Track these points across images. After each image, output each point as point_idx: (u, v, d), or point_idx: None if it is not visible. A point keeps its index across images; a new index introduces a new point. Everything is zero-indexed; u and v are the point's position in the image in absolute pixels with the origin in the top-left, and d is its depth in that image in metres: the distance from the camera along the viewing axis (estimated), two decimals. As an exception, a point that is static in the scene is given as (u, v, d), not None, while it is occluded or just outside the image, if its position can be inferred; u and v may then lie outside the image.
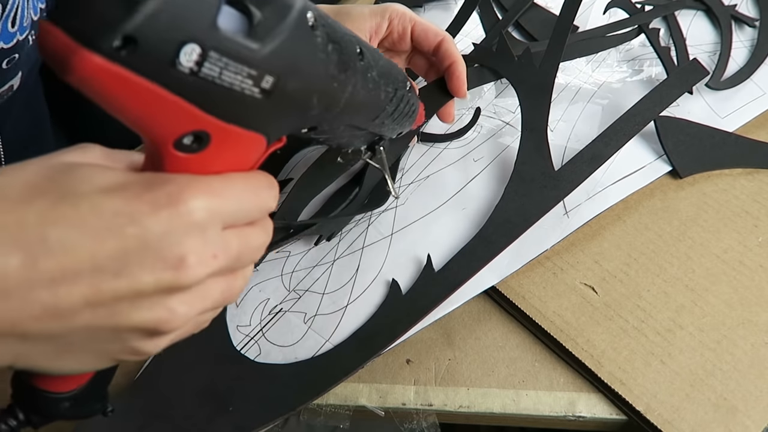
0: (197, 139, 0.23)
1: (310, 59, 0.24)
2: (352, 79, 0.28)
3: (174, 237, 0.22)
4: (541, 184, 0.50)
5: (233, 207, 0.25)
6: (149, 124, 0.22)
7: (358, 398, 0.45)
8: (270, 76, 0.22)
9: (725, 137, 0.55)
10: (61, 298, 0.21)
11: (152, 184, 0.23)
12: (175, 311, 0.24)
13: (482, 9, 0.69)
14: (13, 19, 0.44)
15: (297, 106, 0.25)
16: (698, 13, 0.68)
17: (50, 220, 0.21)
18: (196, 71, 0.20)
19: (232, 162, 0.25)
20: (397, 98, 0.35)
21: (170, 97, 0.21)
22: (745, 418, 0.41)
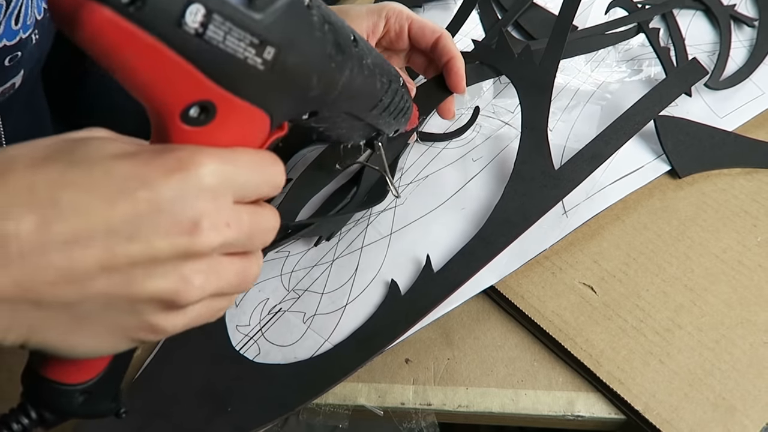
0: (203, 111, 0.23)
1: (308, 36, 0.25)
2: (349, 63, 0.29)
3: (186, 201, 0.22)
4: (541, 183, 0.50)
5: (243, 177, 0.24)
6: (156, 91, 0.22)
7: (357, 398, 0.45)
8: (271, 47, 0.23)
9: (725, 136, 0.55)
10: (76, 262, 0.21)
11: (163, 151, 0.23)
12: (190, 281, 0.23)
13: (482, 9, 0.69)
14: (17, 17, 0.44)
15: (297, 84, 0.26)
16: (697, 13, 0.68)
17: (62, 183, 0.21)
18: (201, 33, 0.21)
19: (238, 138, 0.25)
20: (392, 90, 0.36)
21: (176, 59, 0.21)
22: (743, 418, 0.41)
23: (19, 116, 0.54)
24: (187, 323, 0.25)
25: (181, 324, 0.25)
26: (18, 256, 0.20)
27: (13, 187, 0.21)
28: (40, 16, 0.47)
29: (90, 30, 0.19)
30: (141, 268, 0.22)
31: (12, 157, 0.22)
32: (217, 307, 0.27)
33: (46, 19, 0.48)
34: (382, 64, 0.34)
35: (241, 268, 0.26)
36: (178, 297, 0.23)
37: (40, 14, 0.47)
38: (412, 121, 0.42)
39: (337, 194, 0.54)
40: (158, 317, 0.24)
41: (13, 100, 0.50)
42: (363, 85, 0.32)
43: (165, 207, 0.22)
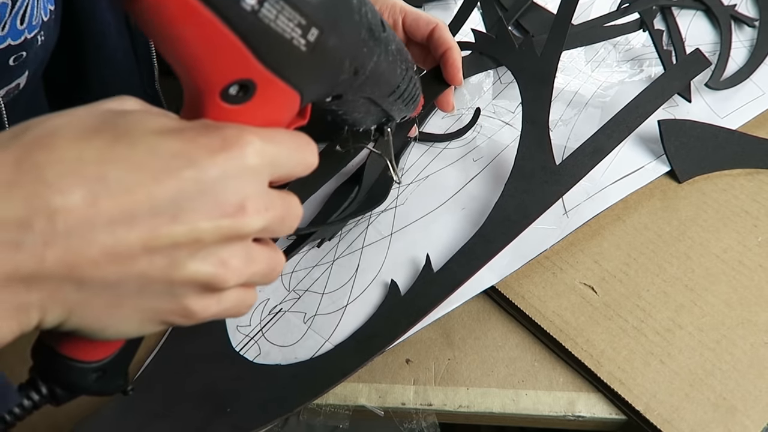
0: (243, 89, 0.23)
1: (348, 19, 0.26)
2: (377, 49, 0.29)
3: (231, 182, 0.22)
4: (541, 179, 0.49)
5: (283, 158, 0.24)
6: (203, 66, 0.22)
7: (358, 398, 0.45)
8: (316, 29, 0.23)
9: (728, 136, 0.55)
10: (120, 241, 0.20)
11: (207, 129, 0.22)
12: (228, 264, 0.23)
13: (484, 8, 0.69)
14: (22, 17, 0.44)
15: (332, 66, 0.26)
16: (698, 13, 0.68)
17: (108, 158, 0.20)
18: (257, 10, 0.21)
19: (270, 119, 0.25)
20: (407, 77, 0.36)
21: (229, 35, 0.21)
22: (744, 418, 0.41)
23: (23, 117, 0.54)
24: (218, 312, 0.25)
25: (213, 311, 0.24)
26: (64, 231, 0.19)
27: (60, 158, 0.20)
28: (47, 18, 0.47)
29: (153, 2, 0.20)
30: (183, 249, 0.22)
31: (56, 126, 0.21)
32: (245, 299, 0.26)
33: (51, 20, 0.48)
34: (403, 50, 0.35)
35: (271, 256, 0.26)
36: (216, 281, 0.23)
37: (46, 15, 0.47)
38: (417, 108, 0.43)
39: (338, 194, 0.54)
40: (194, 301, 0.24)
41: (17, 101, 0.50)
42: (387, 71, 0.32)
43: (210, 187, 0.21)
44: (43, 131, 0.21)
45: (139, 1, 0.20)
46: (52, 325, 0.22)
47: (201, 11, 0.20)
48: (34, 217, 0.19)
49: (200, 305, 0.24)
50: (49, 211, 0.19)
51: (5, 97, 0.48)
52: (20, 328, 0.21)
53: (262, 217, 0.23)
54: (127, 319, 0.23)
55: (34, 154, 0.20)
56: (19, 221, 0.19)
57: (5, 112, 0.48)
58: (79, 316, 0.22)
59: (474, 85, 0.63)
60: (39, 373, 0.28)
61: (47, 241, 0.19)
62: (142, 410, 0.43)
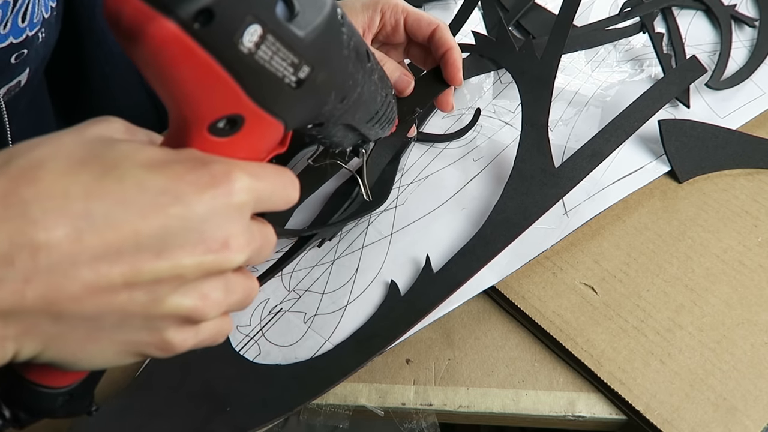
0: (230, 123, 0.23)
1: (338, 54, 0.26)
2: (363, 79, 0.30)
3: (217, 219, 0.22)
4: (541, 181, 0.49)
5: (268, 194, 0.24)
6: (194, 102, 0.22)
7: (358, 398, 0.45)
8: (307, 66, 0.23)
9: (728, 135, 0.55)
10: (102, 277, 0.20)
11: (195, 164, 0.22)
12: (209, 298, 0.23)
13: (485, 9, 0.69)
14: (24, 15, 0.44)
15: (318, 100, 0.26)
16: (698, 13, 0.68)
17: (95, 193, 0.20)
18: (253, 53, 0.21)
19: (254, 150, 0.25)
20: (386, 102, 0.37)
21: (224, 75, 0.21)
22: (744, 418, 0.41)
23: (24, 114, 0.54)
24: (196, 343, 0.25)
25: (191, 343, 0.25)
26: (46, 267, 0.19)
27: (46, 193, 0.20)
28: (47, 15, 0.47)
29: (153, 44, 0.20)
30: (165, 285, 0.22)
31: (42, 158, 0.21)
32: (222, 328, 0.26)
33: (53, 18, 0.48)
34: (384, 77, 0.35)
35: (247, 284, 0.26)
36: (196, 314, 0.23)
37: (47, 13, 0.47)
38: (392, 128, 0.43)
39: (338, 195, 0.54)
40: (173, 334, 0.24)
41: (19, 98, 0.50)
42: (369, 100, 0.32)
43: (196, 224, 0.22)
44: (29, 162, 0.21)
45: (143, 42, 0.20)
46: (27, 357, 0.22)
47: (199, 53, 0.20)
48: (16, 253, 0.19)
49: (179, 338, 0.24)
50: (32, 248, 0.19)
51: (7, 95, 0.48)
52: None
53: (243, 252, 0.23)
54: (102, 351, 0.23)
55: (19, 188, 0.20)
56: (1, 257, 0.19)
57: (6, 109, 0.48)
58: (54, 350, 0.22)
59: (474, 85, 0.63)
60: (2, 397, 0.27)
61: (28, 278, 0.19)
62: (141, 409, 0.43)
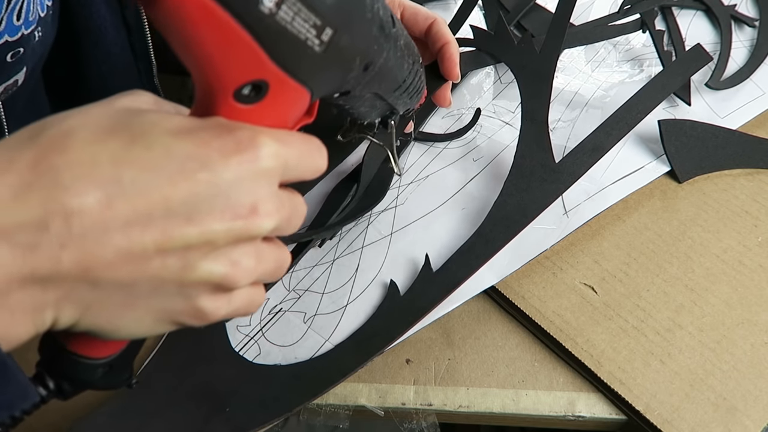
0: (255, 89, 0.23)
1: (361, 17, 0.25)
2: (387, 45, 0.29)
3: (245, 184, 0.22)
4: (541, 177, 0.49)
5: (294, 160, 0.24)
6: (218, 67, 0.22)
7: (358, 398, 0.45)
8: (330, 29, 0.23)
9: (728, 135, 0.55)
10: (134, 242, 0.21)
11: (221, 130, 0.22)
12: (240, 264, 0.23)
13: (486, 9, 0.69)
14: (18, 13, 0.44)
15: (343, 65, 0.26)
16: (698, 13, 0.68)
17: (124, 160, 0.21)
18: (274, 13, 0.21)
19: (280, 118, 0.25)
20: (414, 71, 0.36)
21: (246, 37, 0.21)
22: (744, 418, 0.41)
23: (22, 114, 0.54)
24: (229, 312, 0.25)
25: (224, 311, 0.25)
26: (80, 233, 0.20)
27: (76, 160, 0.20)
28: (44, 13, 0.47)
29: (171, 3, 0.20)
30: (196, 251, 0.22)
31: (72, 127, 0.21)
32: (255, 298, 0.26)
33: (49, 16, 0.48)
34: (410, 45, 0.34)
35: (279, 254, 0.26)
36: (227, 281, 0.23)
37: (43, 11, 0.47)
38: (420, 100, 0.42)
39: (337, 192, 0.54)
40: (206, 302, 0.24)
41: (16, 98, 0.50)
42: (395, 67, 0.32)
43: (224, 190, 0.22)
44: (59, 132, 0.21)
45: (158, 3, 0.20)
46: (66, 325, 0.22)
47: (219, 14, 0.20)
48: (50, 220, 0.20)
49: (212, 306, 0.24)
50: (65, 214, 0.20)
51: (4, 94, 0.48)
52: (36, 328, 0.22)
53: (272, 219, 0.23)
54: (139, 319, 0.24)
55: (50, 156, 0.20)
56: (36, 223, 0.19)
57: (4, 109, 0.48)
58: (92, 317, 0.22)
59: (474, 85, 0.63)
60: (46, 368, 0.27)
61: (63, 243, 0.20)
62: (141, 409, 0.43)
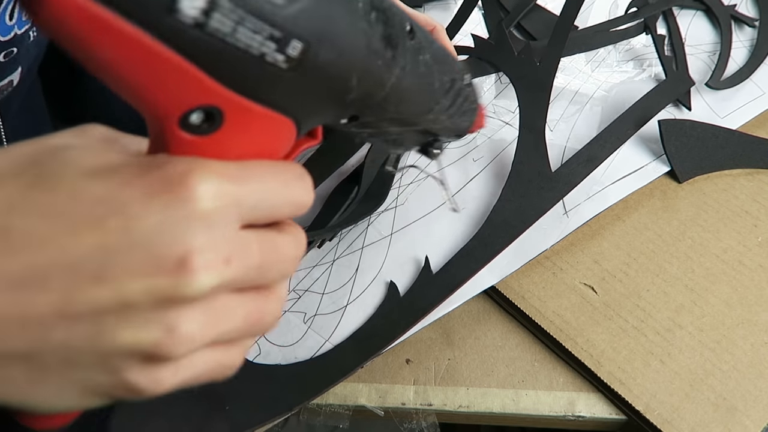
0: (208, 117, 0.19)
1: (348, 26, 0.20)
2: (401, 60, 0.24)
3: (172, 232, 0.18)
4: (538, 184, 0.50)
5: (254, 197, 0.20)
6: (145, 93, 0.18)
7: (358, 398, 0.45)
8: (298, 42, 0.19)
9: (728, 136, 0.55)
10: (28, 307, 0.17)
11: (150, 166, 0.19)
12: (176, 329, 0.19)
13: (486, 9, 0.69)
14: (11, 13, 0.43)
15: (332, 86, 0.21)
16: (698, 13, 0.68)
17: (18, 206, 0.17)
18: (203, 23, 0.17)
19: (253, 150, 0.21)
20: (452, 90, 0.29)
21: (168, 54, 0.17)
22: (744, 418, 0.41)
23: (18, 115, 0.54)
24: (180, 382, 0.20)
25: (170, 383, 0.20)
26: None
27: None
28: None
29: (52, 13, 0.15)
30: (110, 315, 0.18)
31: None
32: (225, 360, 0.22)
33: None
34: (445, 59, 0.29)
35: (254, 308, 0.21)
36: (161, 350, 0.19)
37: None
38: (478, 122, 0.35)
39: (337, 193, 0.54)
40: (137, 374, 0.19)
41: (11, 99, 0.50)
42: (418, 86, 0.26)
43: (142, 240, 0.18)
44: None
45: (41, 11, 0.15)
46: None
47: (120, 26, 0.16)
48: None
49: (147, 379, 0.20)
50: None
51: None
52: None
53: (215, 273, 0.19)
54: (59, 393, 0.20)
55: None
56: None
57: None
58: (2, 392, 0.19)
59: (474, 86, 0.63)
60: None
61: None
62: (140, 408, 0.43)
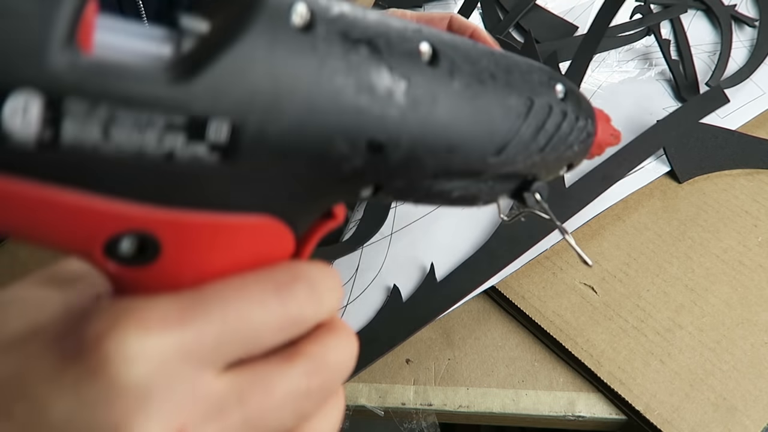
0: (141, 243, 0.14)
1: (307, 78, 0.15)
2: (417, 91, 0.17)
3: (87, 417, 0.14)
4: (550, 200, 0.50)
5: (220, 333, 0.15)
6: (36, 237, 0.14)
7: (358, 398, 0.45)
8: (220, 121, 0.14)
9: (728, 136, 0.55)
10: None
11: (71, 326, 0.15)
12: None
13: (484, 9, 0.69)
14: None
15: (304, 160, 0.16)
16: (698, 13, 0.68)
17: None
18: (50, 141, 0.12)
19: (225, 265, 0.16)
20: (538, 112, 0.21)
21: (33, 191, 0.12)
22: (744, 418, 0.41)
23: None
24: None
25: None
26: None
27: None
28: None
29: None
30: None
31: None
32: None
33: None
34: (509, 71, 0.21)
35: None
36: None
37: None
38: (600, 142, 0.26)
39: None
40: None
41: None
42: (461, 124, 0.19)
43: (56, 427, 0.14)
44: None
45: None
46: None
47: None
48: None
49: None
50: None
51: None
52: None
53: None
54: None
55: None
56: None
57: None
58: None
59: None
60: None
61: None
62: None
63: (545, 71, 0.22)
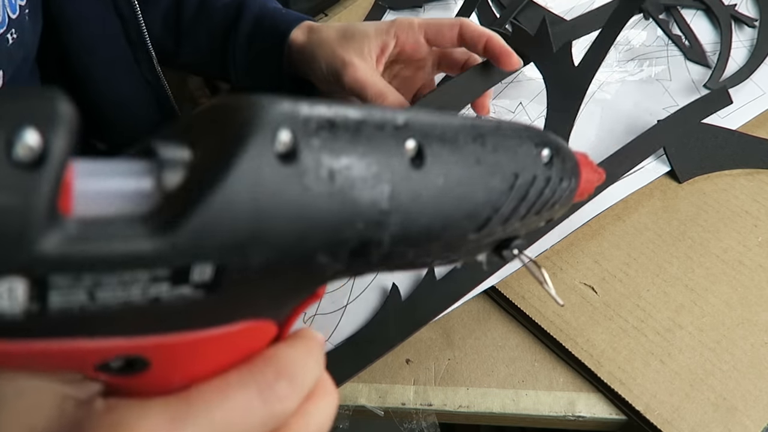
0: (131, 362, 0.15)
1: (290, 207, 0.15)
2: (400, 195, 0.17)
3: None
4: None
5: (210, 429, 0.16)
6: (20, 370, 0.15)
7: (358, 398, 0.45)
8: (204, 265, 0.14)
9: (728, 136, 0.55)
10: None
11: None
12: None
13: (480, 9, 0.69)
14: None
15: (288, 275, 0.16)
16: (698, 13, 0.68)
17: None
18: (38, 311, 0.12)
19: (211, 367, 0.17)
20: (520, 187, 0.21)
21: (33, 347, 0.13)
22: (744, 418, 0.41)
23: None
24: None
25: None
26: None
27: None
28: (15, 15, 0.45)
29: None
30: None
31: None
32: None
33: (25, 18, 0.46)
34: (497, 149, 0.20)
35: None
36: None
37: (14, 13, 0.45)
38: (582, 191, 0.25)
39: None
40: None
41: None
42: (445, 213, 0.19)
43: None
44: None
45: None
46: None
47: None
48: None
49: None
50: None
51: None
52: None
53: None
54: None
55: None
56: None
57: None
58: None
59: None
60: None
61: None
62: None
63: (533, 138, 0.22)
